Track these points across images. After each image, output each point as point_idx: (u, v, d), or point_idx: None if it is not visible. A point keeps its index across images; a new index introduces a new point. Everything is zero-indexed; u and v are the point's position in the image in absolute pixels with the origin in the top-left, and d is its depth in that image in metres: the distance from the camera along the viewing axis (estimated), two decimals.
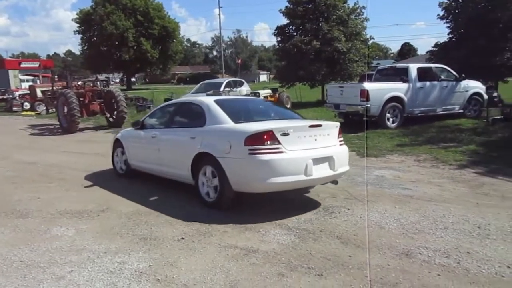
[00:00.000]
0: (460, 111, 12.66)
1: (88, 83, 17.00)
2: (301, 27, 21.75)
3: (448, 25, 18.87)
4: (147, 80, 74.57)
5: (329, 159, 4.98)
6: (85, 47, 47.13)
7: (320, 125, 5.06)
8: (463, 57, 16.12)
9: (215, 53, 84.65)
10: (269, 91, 18.05)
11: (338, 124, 5.43)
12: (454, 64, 14.53)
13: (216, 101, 5.72)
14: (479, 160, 7.61)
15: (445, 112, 12.47)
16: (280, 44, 23.02)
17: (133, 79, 59.51)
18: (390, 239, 4.03)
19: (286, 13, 22.04)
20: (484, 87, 13.57)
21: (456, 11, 18.40)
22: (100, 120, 16.92)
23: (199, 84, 18.63)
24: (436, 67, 13.28)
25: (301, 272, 3.39)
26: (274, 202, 5.33)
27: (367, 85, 11.79)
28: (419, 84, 12.02)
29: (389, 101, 11.51)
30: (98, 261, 3.68)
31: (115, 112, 15.42)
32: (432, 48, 20.21)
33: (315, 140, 4.96)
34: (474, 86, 13.07)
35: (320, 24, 21.06)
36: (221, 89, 15.98)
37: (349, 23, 21.35)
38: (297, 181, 4.69)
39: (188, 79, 69.82)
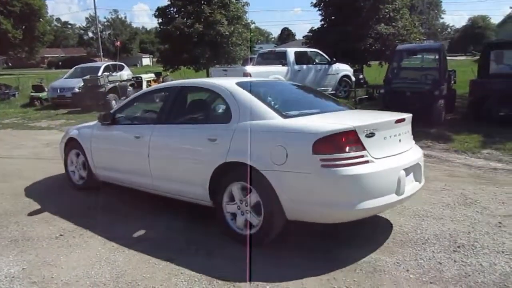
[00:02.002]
0: (332, 92, 13.86)
1: None
2: (182, 9, 21.35)
3: (320, 12, 20.32)
4: (10, 65, 65.88)
5: (415, 168, 3.60)
6: None
7: (403, 119, 3.61)
8: (333, 42, 17.57)
9: (90, 34, 78.47)
10: (152, 75, 17.42)
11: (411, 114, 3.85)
12: (327, 48, 15.79)
13: (240, 85, 3.97)
14: None
15: None
16: (161, 27, 22.32)
17: None
18: None
19: None
20: (352, 70, 15.08)
21: None
22: None
23: (73, 69, 17.12)
24: (311, 51, 14.32)
25: (189, 254, 3.43)
26: None
27: (249, 68, 12.19)
28: (296, 67, 12.84)
29: None
30: None
31: None
32: (308, 33, 21.58)
33: (399, 141, 3.54)
34: (344, 69, 14.45)
35: (202, 7, 20.91)
36: (99, 73, 14.92)
37: (230, 7, 21.62)
38: (387, 204, 3.25)
39: (60, 63, 63.49)
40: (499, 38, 28.11)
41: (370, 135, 3.22)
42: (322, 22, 20.39)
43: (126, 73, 16.19)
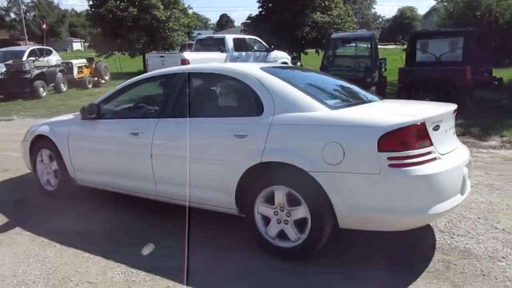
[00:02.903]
0: None
1: None
2: None
3: None
4: None
5: (469, 164, 3.18)
6: None
7: (456, 110, 3.26)
8: (271, 30, 17.72)
9: (13, 15, 72.18)
10: (84, 60, 16.48)
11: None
12: (265, 35, 15.89)
13: (266, 70, 3.42)
14: None
15: None
16: (93, 9, 21.10)
17: None
18: None
19: None
20: (290, 58, 15.35)
21: None
22: None
23: None
24: (250, 38, 14.34)
25: (127, 246, 3.33)
26: None
27: (187, 55, 11.96)
28: (235, 53, 12.81)
29: None
30: None
31: None
32: (246, 21, 21.56)
33: (453, 134, 3.23)
34: (282, 56, 14.67)
35: None
36: (24, 58, 13.84)
37: None
38: (455, 206, 2.87)
39: None
40: (425, 28, 29.99)
41: (436, 128, 2.87)
42: (260, 10, 20.46)
43: (54, 58, 15.19)
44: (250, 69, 3.43)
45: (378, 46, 11.03)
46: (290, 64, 14.65)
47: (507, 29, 14.32)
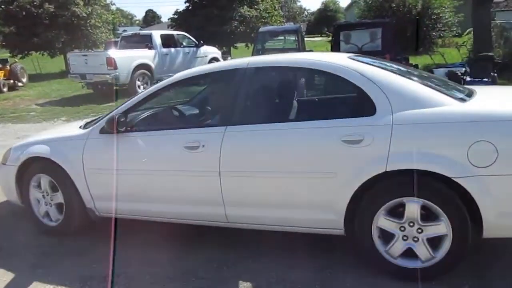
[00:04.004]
0: None
1: None
2: None
3: None
4: None
5: None
6: None
7: None
8: (199, 25, 17.55)
9: None
10: None
11: None
12: (193, 31, 15.70)
13: (362, 61, 2.97)
14: None
15: None
16: (2, 6, 19.39)
17: None
18: None
19: None
20: (220, 52, 15.31)
21: None
22: None
23: None
24: (178, 34, 14.06)
25: (58, 256, 3.15)
26: None
27: (113, 53, 11.46)
28: (164, 50, 12.50)
29: (137, 68, 11.53)
30: None
31: None
32: (173, 16, 21.13)
33: None
34: (212, 51, 14.58)
35: None
36: None
37: None
38: None
39: None
40: (347, 20, 31.42)
41: None
42: (187, 4, 20.15)
43: None
44: (342, 61, 2.88)
45: (305, 39, 11.39)
46: (221, 60, 14.63)
47: (419, 19, 15.45)
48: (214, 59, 14.42)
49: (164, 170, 3.05)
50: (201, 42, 13.96)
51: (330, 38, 13.19)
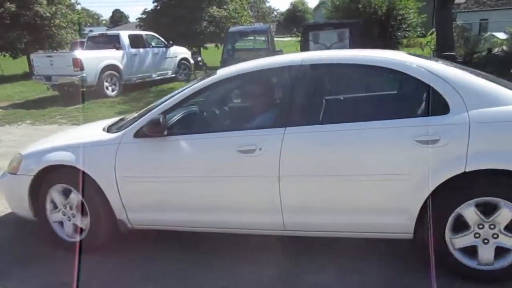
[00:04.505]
0: (172, 75, 13.82)
1: None
2: None
3: None
4: None
5: None
6: None
7: None
8: (168, 25, 17.36)
9: None
10: None
11: None
12: (161, 31, 15.52)
13: (420, 57, 2.96)
14: None
15: (160, 77, 13.38)
16: None
17: None
18: None
19: None
20: (189, 53, 15.22)
21: None
22: None
23: None
24: (147, 34, 13.88)
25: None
26: None
27: (79, 54, 11.18)
28: (133, 50, 12.31)
29: (105, 69, 11.31)
30: None
31: None
32: (141, 16, 20.80)
33: None
34: (182, 52, 14.48)
35: None
36: None
37: None
38: None
39: None
40: (316, 20, 31.87)
41: None
42: (155, 4, 19.88)
43: None
44: (403, 56, 2.84)
45: (275, 39, 11.47)
46: (191, 60, 14.53)
47: (385, 20, 15.84)
48: (184, 60, 14.33)
49: (212, 176, 2.81)
50: (171, 42, 13.83)
51: (299, 38, 13.34)
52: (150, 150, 2.92)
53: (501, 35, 15.85)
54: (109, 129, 3.28)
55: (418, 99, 2.71)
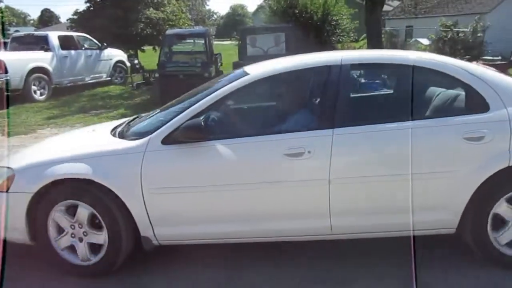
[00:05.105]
0: (107, 78, 13.31)
1: None
2: None
3: None
4: None
5: None
6: None
7: None
8: (103, 26, 16.68)
9: None
10: None
11: None
12: (95, 32, 14.87)
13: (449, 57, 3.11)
14: None
15: (94, 81, 12.83)
16: None
17: None
18: None
19: None
20: (126, 55, 14.74)
21: None
22: None
23: None
24: (78, 36, 13.24)
25: None
26: None
27: (2, 55, 10.42)
28: (63, 52, 11.71)
29: (32, 72, 10.64)
30: None
31: None
32: (72, 16, 19.81)
33: None
34: (117, 54, 13.99)
35: None
36: None
37: None
38: None
39: None
40: (255, 24, 32.27)
41: None
42: (88, 5, 19.03)
43: None
44: (439, 57, 2.99)
45: (215, 42, 11.47)
46: (128, 63, 14.06)
47: (321, 25, 16.41)
48: (120, 62, 13.86)
49: (257, 183, 2.66)
50: (105, 44, 13.32)
51: (238, 42, 13.43)
52: (185, 157, 2.70)
53: (425, 41, 17.09)
54: (121, 135, 3.00)
55: (459, 98, 2.84)
